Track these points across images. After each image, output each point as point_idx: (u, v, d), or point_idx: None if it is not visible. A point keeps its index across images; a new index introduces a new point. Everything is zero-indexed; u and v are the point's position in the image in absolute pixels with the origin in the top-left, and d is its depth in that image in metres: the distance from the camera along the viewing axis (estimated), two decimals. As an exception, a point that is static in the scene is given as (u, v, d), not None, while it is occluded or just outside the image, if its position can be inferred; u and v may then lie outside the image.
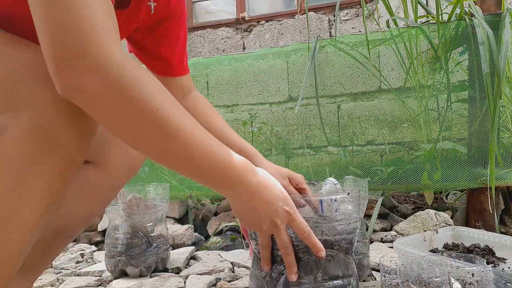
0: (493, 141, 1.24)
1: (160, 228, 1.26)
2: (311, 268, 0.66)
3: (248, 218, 0.65)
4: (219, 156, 0.58)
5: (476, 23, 1.37)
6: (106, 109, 0.50)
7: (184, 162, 0.56)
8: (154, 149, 0.55)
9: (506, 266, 0.74)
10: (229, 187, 0.61)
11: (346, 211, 0.70)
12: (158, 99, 0.52)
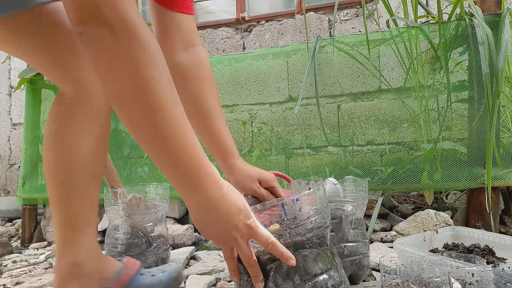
0: (491, 140, 1.25)
1: (160, 228, 1.26)
2: (288, 273, 0.65)
3: (206, 229, 0.63)
4: (192, 154, 0.58)
5: (476, 23, 1.37)
6: (109, 60, 0.53)
7: (154, 142, 0.56)
8: (132, 115, 0.55)
9: (506, 266, 0.73)
10: (190, 189, 0.60)
11: (312, 207, 0.69)
12: (157, 70, 0.54)
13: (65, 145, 0.77)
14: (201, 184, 0.60)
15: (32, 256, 1.66)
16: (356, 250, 0.97)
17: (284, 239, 0.66)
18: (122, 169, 1.92)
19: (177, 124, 0.56)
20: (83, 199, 0.79)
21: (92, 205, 0.81)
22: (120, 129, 1.99)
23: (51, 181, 0.79)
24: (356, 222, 0.99)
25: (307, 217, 0.68)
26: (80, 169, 0.78)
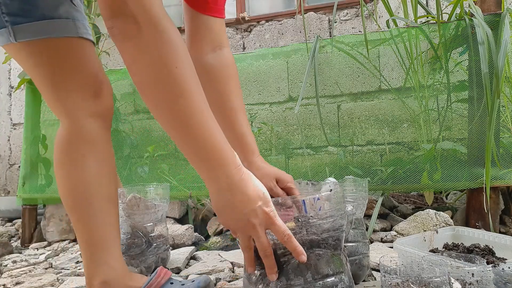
0: (490, 140, 1.25)
1: (160, 228, 1.26)
2: (300, 269, 0.65)
3: (225, 214, 0.64)
4: (213, 137, 0.61)
5: (476, 23, 1.37)
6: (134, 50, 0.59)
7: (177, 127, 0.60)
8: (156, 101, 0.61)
9: (506, 266, 0.73)
10: (211, 172, 0.62)
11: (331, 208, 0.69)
12: (180, 60, 0.59)
13: (73, 173, 0.83)
14: (221, 167, 0.62)
15: (32, 256, 1.66)
16: (356, 250, 0.97)
17: (300, 236, 0.66)
18: (122, 169, 1.92)
19: (199, 110, 0.60)
20: (102, 221, 0.84)
21: (112, 226, 0.85)
22: (120, 129, 1.99)
23: (67, 206, 0.85)
24: (356, 222, 0.99)
25: (325, 217, 0.68)
26: (93, 193, 0.83)
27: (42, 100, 2.00)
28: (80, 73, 0.83)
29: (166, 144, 1.96)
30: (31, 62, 0.82)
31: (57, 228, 1.94)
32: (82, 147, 0.83)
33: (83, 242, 0.84)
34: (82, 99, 0.83)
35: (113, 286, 0.83)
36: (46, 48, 0.79)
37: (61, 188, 0.85)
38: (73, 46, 0.82)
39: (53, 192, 1.96)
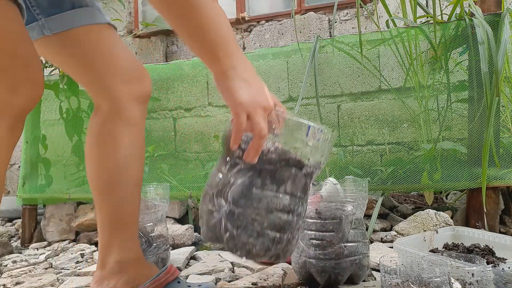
0: (488, 139, 1.25)
1: (160, 228, 1.26)
2: (277, 179, 0.68)
3: (235, 93, 0.66)
4: (226, 25, 0.66)
5: (476, 23, 1.37)
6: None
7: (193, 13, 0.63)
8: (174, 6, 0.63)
9: (506, 266, 0.73)
10: (226, 53, 0.66)
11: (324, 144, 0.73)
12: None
13: (106, 153, 0.84)
14: (236, 50, 0.67)
15: (32, 256, 1.66)
16: (356, 250, 0.97)
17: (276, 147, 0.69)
18: (122, 169, 1.92)
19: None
20: (126, 203, 0.86)
21: (134, 210, 0.88)
22: (120, 129, 1.99)
23: (95, 187, 0.86)
24: (356, 222, 1.00)
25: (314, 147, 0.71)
26: (122, 175, 0.85)
27: (42, 100, 2.00)
28: (120, 57, 0.85)
29: (166, 144, 1.96)
30: (63, 53, 0.82)
31: (57, 228, 1.94)
32: (120, 129, 0.84)
33: (104, 222, 0.86)
34: (124, 82, 0.84)
35: (127, 267, 0.85)
36: (79, 37, 0.80)
37: (91, 166, 0.86)
38: (105, 33, 0.84)
39: (53, 192, 1.96)
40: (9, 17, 0.58)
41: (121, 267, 0.85)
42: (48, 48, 0.83)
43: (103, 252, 0.87)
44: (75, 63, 0.83)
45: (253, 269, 1.20)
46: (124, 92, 0.84)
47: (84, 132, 1.99)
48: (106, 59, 0.83)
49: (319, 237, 0.97)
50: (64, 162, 2.02)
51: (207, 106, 1.94)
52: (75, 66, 0.84)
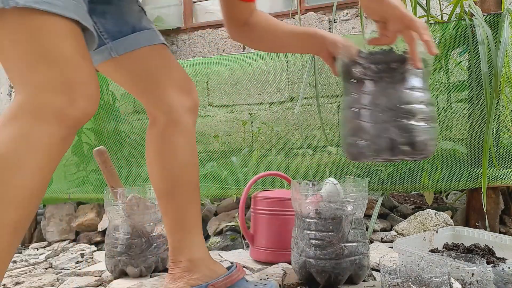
0: (488, 140, 1.25)
1: (160, 228, 1.26)
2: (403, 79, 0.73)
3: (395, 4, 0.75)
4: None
5: (476, 23, 1.37)
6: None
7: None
8: None
9: (506, 266, 0.73)
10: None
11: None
12: None
13: (167, 161, 0.93)
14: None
15: (32, 256, 1.66)
16: (356, 250, 0.97)
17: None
18: (122, 169, 1.92)
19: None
20: (189, 206, 0.94)
21: (197, 210, 0.96)
22: (120, 129, 1.99)
23: (159, 193, 0.95)
24: (356, 222, 1.00)
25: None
26: (184, 180, 0.93)
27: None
28: (174, 72, 0.95)
29: (166, 144, 1.96)
30: (125, 72, 0.93)
31: (57, 228, 1.94)
32: (178, 137, 0.93)
33: (172, 225, 0.94)
34: (179, 95, 0.93)
35: (199, 265, 0.92)
36: (140, 57, 0.91)
37: (155, 174, 0.95)
38: (161, 52, 0.94)
39: (53, 192, 1.96)
40: (77, 39, 0.64)
41: (193, 265, 0.92)
42: (112, 68, 0.93)
43: (174, 253, 0.94)
44: (136, 80, 0.94)
45: (253, 269, 1.20)
46: (179, 104, 0.93)
47: (84, 132, 1.99)
48: (163, 75, 0.93)
49: (319, 237, 0.97)
50: (64, 162, 2.02)
51: (207, 106, 1.94)
52: (136, 83, 0.94)
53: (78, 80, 0.62)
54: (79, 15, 0.64)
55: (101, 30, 0.88)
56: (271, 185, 1.65)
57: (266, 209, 1.26)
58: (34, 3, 0.59)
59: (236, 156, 1.84)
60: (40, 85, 0.59)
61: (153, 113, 0.95)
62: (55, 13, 0.60)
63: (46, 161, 0.60)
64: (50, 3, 0.60)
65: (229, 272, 0.93)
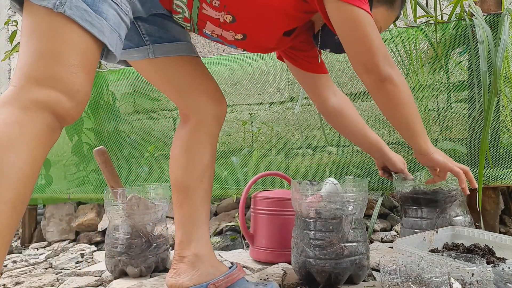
0: (485, 140, 1.25)
1: (160, 228, 1.26)
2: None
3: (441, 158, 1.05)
4: (421, 121, 1.01)
5: (476, 23, 1.37)
6: (401, 92, 0.93)
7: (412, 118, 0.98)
8: (402, 116, 0.98)
9: (506, 266, 0.73)
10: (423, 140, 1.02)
11: None
12: (412, 98, 0.97)
13: (194, 158, 1.00)
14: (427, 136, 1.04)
15: (32, 256, 1.66)
16: (356, 250, 0.97)
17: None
18: (122, 169, 1.92)
19: (415, 110, 0.99)
20: (203, 203, 1.00)
21: (208, 208, 1.02)
22: (120, 129, 1.99)
23: (179, 187, 1.00)
24: (356, 222, 1.00)
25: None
26: (204, 178, 1.00)
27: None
28: (207, 82, 1.04)
29: (166, 144, 1.96)
30: (163, 74, 1.00)
31: (57, 228, 1.94)
32: (204, 138, 1.01)
33: (183, 219, 0.99)
34: (210, 102, 1.02)
35: (203, 260, 0.96)
36: (178, 64, 0.99)
37: (177, 168, 1.01)
38: (197, 62, 1.03)
39: (53, 192, 1.96)
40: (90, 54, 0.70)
41: (198, 260, 0.95)
42: (152, 68, 1.00)
43: (180, 247, 0.98)
44: (173, 83, 1.02)
45: (253, 269, 1.20)
46: (209, 110, 1.02)
47: (84, 132, 1.99)
48: (198, 83, 1.02)
49: (319, 237, 0.97)
50: (64, 162, 2.02)
51: (207, 106, 1.93)
52: (173, 86, 1.02)
53: (71, 86, 0.67)
54: (110, 41, 0.71)
55: (143, 32, 0.95)
56: (271, 185, 1.65)
57: (266, 209, 1.26)
58: (79, 18, 0.66)
59: (236, 156, 1.84)
60: (36, 78, 0.64)
61: (185, 114, 1.04)
62: (88, 32, 0.68)
63: (37, 145, 0.64)
64: (91, 23, 0.68)
65: (230, 271, 0.94)
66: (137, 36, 0.95)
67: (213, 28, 0.96)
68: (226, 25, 0.94)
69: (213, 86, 1.05)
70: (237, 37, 0.97)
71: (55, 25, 0.66)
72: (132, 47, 0.97)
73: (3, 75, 3.41)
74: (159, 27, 0.96)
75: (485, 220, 1.38)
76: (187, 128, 1.03)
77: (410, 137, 1.02)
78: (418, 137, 1.01)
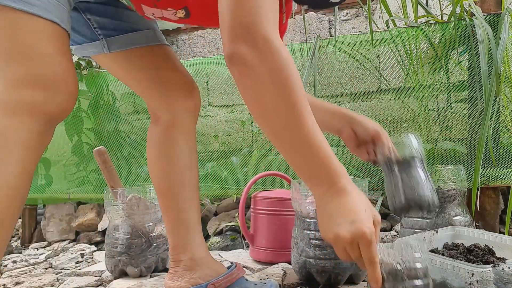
0: (482, 139, 1.25)
1: (160, 228, 1.26)
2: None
3: (332, 223, 0.61)
4: (324, 151, 0.62)
5: (476, 23, 1.37)
6: (256, 80, 0.59)
7: (291, 135, 0.61)
8: (275, 121, 0.61)
9: (506, 266, 0.73)
10: (322, 181, 0.63)
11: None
12: (298, 84, 0.61)
13: (167, 161, 0.93)
14: (331, 175, 0.62)
15: (32, 256, 1.66)
16: (356, 250, 0.97)
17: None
18: (122, 169, 1.92)
19: (309, 120, 0.61)
20: (189, 205, 0.95)
21: (197, 209, 0.97)
22: (120, 129, 1.99)
23: (161, 191, 0.96)
24: (356, 222, 0.99)
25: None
26: (185, 179, 0.94)
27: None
28: (176, 73, 0.95)
29: (166, 144, 1.96)
30: (124, 69, 0.93)
31: (57, 228, 1.94)
32: (179, 137, 0.94)
33: (173, 224, 0.95)
34: (180, 96, 0.94)
35: (200, 264, 0.93)
36: (138, 56, 0.91)
37: (156, 173, 0.95)
38: (163, 52, 0.94)
39: (53, 192, 1.96)
40: (56, 37, 0.64)
41: (194, 264, 0.92)
42: (114, 64, 0.93)
43: (175, 252, 0.94)
44: (137, 78, 0.94)
45: (253, 269, 1.20)
46: (180, 105, 0.94)
47: (84, 132, 1.99)
48: (164, 75, 0.93)
49: (319, 237, 0.97)
50: (64, 162, 2.02)
51: (207, 106, 1.94)
52: (137, 82, 0.95)
53: (54, 77, 0.62)
54: (58, 17, 0.65)
55: (95, 26, 0.87)
56: (271, 185, 1.65)
57: (266, 209, 1.26)
58: (12, 2, 0.60)
59: (236, 156, 1.84)
60: (15, 80, 0.60)
61: (154, 112, 0.96)
62: (34, 14, 0.61)
63: (25, 154, 0.59)
64: (29, 3, 0.61)
65: (229, 271, 0.93)
66: (89, 30, 0.87)
67: (151, 11, 0.83)
68: (161, 2, 0.80)
69: (181, 77, 0.96)
70: (179, 14, 0.82)
71: (3, 20, 0.61)
72: (86, 42, 0.89)
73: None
74: (112, 18, 0.88)
75: (485, 220, 1.38)
76: (158, 129, 0.95)
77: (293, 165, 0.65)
78: (299, 167, 0.64)
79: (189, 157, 0.96)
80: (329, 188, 0.62)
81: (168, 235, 0.97)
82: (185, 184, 0.94)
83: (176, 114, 0.94)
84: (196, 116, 0.99)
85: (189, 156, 0.95)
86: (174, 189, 0.94)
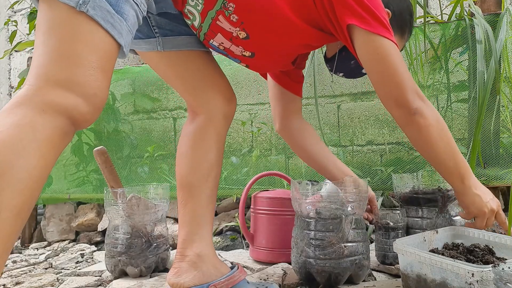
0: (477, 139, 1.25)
1: (160, 228, 1.26)
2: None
3: (474, 205, 0.94)
4: (463, 160, 0.95)
5: (476, 22, 1.37)
6: (431, 126, 0.90)
7: (444, 154, 0.94)
8: (432, 151, 0.93)
9: (506, 266, 0.73)
10: (466, 177, 0.94)
11: None
12: (447, 133, 0.96)
13: (200, 155, 0.98)
14: (469, 174, 0.95)
15: (32, 256, 1.66)
16: (356, 250, 0.97)
17: None
18: (122, 169, 1.92)
19: (453, 144, 0.95)
20: (209, 201, 0.98)
21: (213, 207, 1.01)
22: (120, 129, 1.99)
23: (185, 184, 0.98)
24: (356, 222, 1.00)
25: None
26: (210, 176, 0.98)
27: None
28: (219, 79, 1.03)
29: (166, 144, 1.96)
30: (172, 67, 0.98)
31: (57, 228, 1.94)
32: (213, 136, 0.99)
33: (188, 217, 0.97)
34: (220, 100, 1.00)
35: (205, 260, 0.94)
36: (187, 57, 0.97)
37: (184, 165, 0.99)
38: (209, 57, 1.02)
39: (53, 192, 1.96)
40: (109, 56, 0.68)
41: (200, 260, 0.93)
42: (163, 61, 0.97)
43: (183, 245, 0.96)
44: (183, 78, 0.99)
45: (253, 269, 1.20)
46: (219, 108, 1.00)
47: (84, 132, 1.99)
48: (209, 79, 1.00)
49: (319, 237, 0.97)
50: (64, 162, 2.02)
51: (207, 106, 1.93)
52: (183, 81, 1.00)
53: (89, 89, 0.65)
54: (126, 43, 0.70)
55: (153, 24, 0.92)
56: (271, 185, 1.65)
57: (266, 209, 1.26)
58: (101, 19, 0.65)
59: (236, 156, 1.84)
60: (55, 81, 0.62)
61: (194, 110, 1.02)
62: (111, 35, 0.66)
63: (49, 150, 0.61)
64: (112, 24, 0.66)
65: (231, 273, 0.93)
66: (146, 27, 0.92)
67: (222, 41, 0.93)
68: (238, 41, 0.92)
69: (224, 84, 1.03)
70: (245, 53, 0.96)
71: (76, 25, 0.64)
72: (141, 38, 0.94)
73: (3, 75, 3.41)
74: (170, 20, 0.93)
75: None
76: (194, 125, 1.00)
77: (443, 173, 0.96)
78: (451, 175, 0.95)
79: (218, 156, 1.00)
80: (469, 182, 0.94)
81: (179, 229, 0.98)
82: (209, 180, 0.98)
83: (214, 115, 0.99)
84: (229, 123, 1.04)
85: (218, 155, 1.00)
86: (198, 182, 0.97)
